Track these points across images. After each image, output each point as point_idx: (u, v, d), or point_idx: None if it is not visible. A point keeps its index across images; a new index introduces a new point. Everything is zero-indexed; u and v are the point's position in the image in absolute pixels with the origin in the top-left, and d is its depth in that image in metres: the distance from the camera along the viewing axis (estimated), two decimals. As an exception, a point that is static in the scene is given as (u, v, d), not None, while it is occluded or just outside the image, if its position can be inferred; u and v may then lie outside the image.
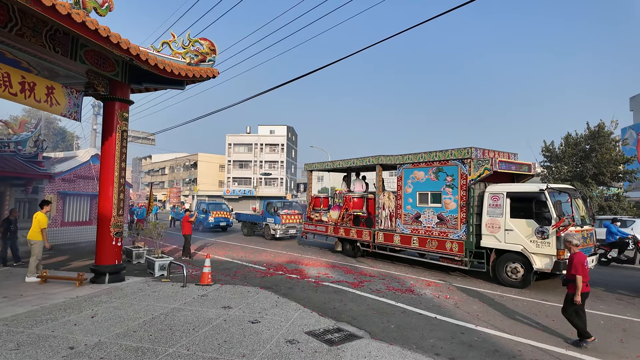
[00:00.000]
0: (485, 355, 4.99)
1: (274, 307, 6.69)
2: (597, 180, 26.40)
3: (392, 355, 4.74)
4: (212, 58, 9.77)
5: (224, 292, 7.75)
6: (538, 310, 7.23)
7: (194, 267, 10.57)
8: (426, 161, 10.83)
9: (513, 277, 9.01)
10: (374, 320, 6.33)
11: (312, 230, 15.19)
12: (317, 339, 5.21)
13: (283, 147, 61.80)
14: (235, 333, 5.35)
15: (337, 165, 14.29)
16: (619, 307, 7.53)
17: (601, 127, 26.92)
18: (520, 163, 10.51)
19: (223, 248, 15.53)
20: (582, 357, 5.00)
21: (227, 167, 61.81)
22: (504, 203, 9.29)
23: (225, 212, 23.94)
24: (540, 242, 8.56)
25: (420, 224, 10.88)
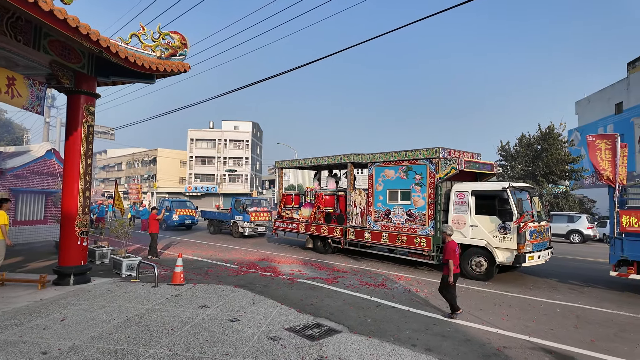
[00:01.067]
0: (458, 344, 5.29)
1: (252, 305, 6.69)
2: (547, 178, 28.30)
3: (372, 348, 4.92)
4: (184, 52, 9.52)
5: (198, 291, 7.63)
6: (501, 300, 7.72)
7: (163, 267, 10.30)
8: (396, 160, 11.18)
9: (477, 271, 9.54)
10: (351, 315, 6.50)
11: (283, 227, 15.21)
12: (298, 335, 5.30)
13: (248, 143, 60.95)
14: (216, 332, 5.33)
15: (309, 162, 14.38)
16: (572, 296, 8.20)
17: (551, 128, 28.88)
18: (484, 162, 11.11)
19: (191, 247, 15.19)
20: (542, 342, 5.43)
21: (189, 163, 60.07)
22: (469, 200, 9.80)
23: (190, 210, 23.34)
24: (502, 237, 9.12)
25: (390, 221, 11.23)
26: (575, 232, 20.52)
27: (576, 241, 20.40)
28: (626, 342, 5.49)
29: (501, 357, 4.88)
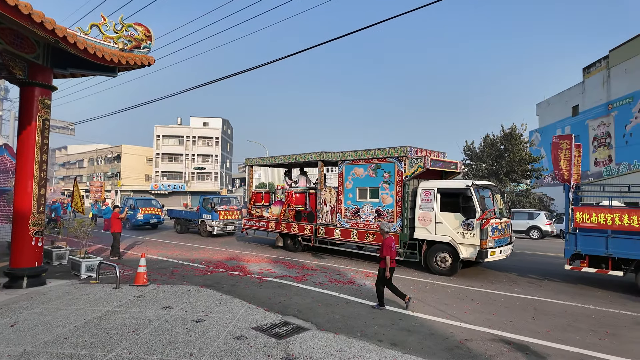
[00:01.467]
0: (423, 338, 5.42)
1: (218, 305, 6.57)
2: (509, 177, 29.52)
3: (338, 344, 4.95)
4: (148, 45, 9.20)
5: (162, 292, 7.41)
6: (465, 295, 7.98)
7: (126, 267, 9.93)
8: (365, 158, 11.30)
9: (442, 266, 9.81)
10: (319, 312, 6.51)
11: (253, 226, 15.03)
12: (265, 334, 5.25)
13: (218, 140, 59.81)
14: (180, 333, 5.19)
15: (279, 160, 14.28)
16: (530, 289, 8.58)
17: (513, 129, 30.11)
18: (449, 161, 11.42)
19: (156, 246, 14.73)
20: (502, 334, 5.65)
21: (155, 160, 58.24)
22: (434, 198, 10.05)
23: (156, 209, 22.62)
24: (466, 234, 9.42)
25: (360, 218, 11.35)
26: (535, 229, 21.51)
27: (535, 237, 21.40)
28: (578, 332, 5.81)
29: (463, 349, 5.03)
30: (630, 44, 28.96)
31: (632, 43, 28.75)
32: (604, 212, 8.36)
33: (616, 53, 30.52)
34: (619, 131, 29.80)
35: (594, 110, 32.68)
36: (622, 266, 8.31)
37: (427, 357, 4.67)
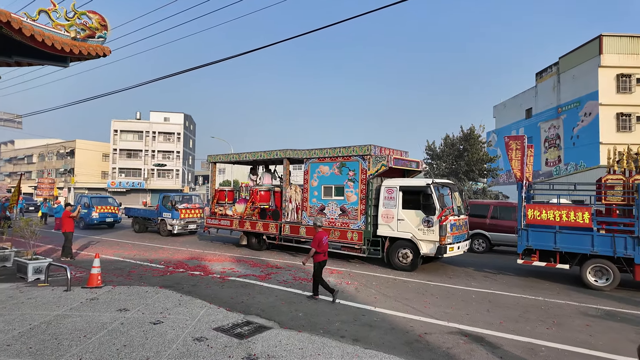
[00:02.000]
0: (384, 333, 5.52)
1: (178, 306, 6.37)
2: (468, 176, 30.77)
3: (301, 342, 4.95)
4: (103, 35, 8.73)
5: (118, 293, 7.09)
6: (425, 289, 8.22)
7: (78, 269, 9.42)
8: (331, 156, 11.35)
9: (404, 262, 10.05)
10: (283, 310, 6.48)
11: (216, 224, 14.70)
12: (226, 334, 5.15)
13: (179, 136, 57.92)
14: (136, 336, 4.98)
15: (244, 157, 14.04)
16: (486, 283, 8.98)
17: (472, 130, 31.39)
18: (411, 160, 11.72)
19: (112, 246, 14.07)
20: (459, 326, 5.87)
21: (113, 156, 55.57)
22: (397, 196, 10.27)
23: (112, 207, 21.59)
24: (426, 230, 9.70)
25: (325, 216, 11.40)
26: (491, 225, 22.51)
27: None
28: (529, 322, 6.14)
29: (422, 343, 5.18)
30: (578, 52, 30.99)
31: (580, 51, 30.78)
32: (553, 209, 8.89)
33: (565, 60, 32.55)
34: (567, 133, 31.83)
35: (546, 113, 34.70)
36: (568, 260, 8.88)
37: (388, 352, 4.75)
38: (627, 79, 28.29)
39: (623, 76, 28.31)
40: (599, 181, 9.16)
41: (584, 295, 7.96)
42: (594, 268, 8.54)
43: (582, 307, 7.12)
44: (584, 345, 5.18)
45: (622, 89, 28.29)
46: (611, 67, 28.28)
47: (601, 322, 6.22)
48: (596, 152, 28.05)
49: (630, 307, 7.17)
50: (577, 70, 30.76)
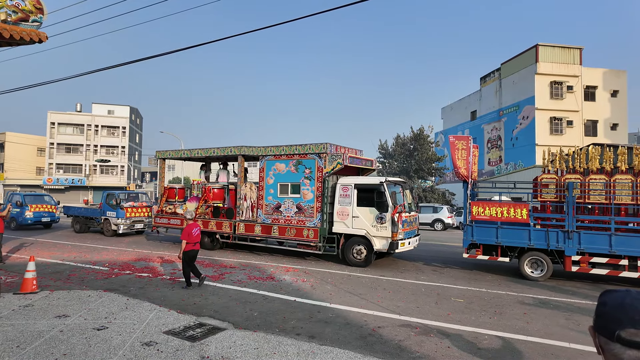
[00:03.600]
0: (339, 329, 5.60)
1: (124, 310, 6.04)
2: (417, 174, 32.03)
3: (256, 342, 4.89)
4: (39, 19, 8.03)
5: (56, 299, 6.59)
6: (378, 284, 8.45)
7: (10, 274, 8.63)
8: (287, 154, 11.30)
9: (358, 258, 10.27)
10: (237, 311, 6.36)
11: (165, 224, 14.08)
12: (177, 337, 4.97)
13: (125, 130, 54.80)
14: (78, 344, 4.66)
15: (195, 153, 13.57)
16: (434, 276, 9.41)
17: (421, 130, 32.70)
18: (365, 159, 11.97)
19: (49, 248, 13.03)
20: (410, 319, 6.10)
21: (49, 150, 51.39)
22: (352, 193, 10.46)
23: (49, 206, 19.99)
24: (379, 227, 9.97)
25: (281, 214, 11.34)
26: (438, 221, 23.66)
27: (439, 229, 23.55)
28: (473, 313, 6.52)
29: (375, 336, 5.32)
30: (518, 59, 33.30)
31: (519, 58, 33.09)
32: (495, 206, 9.50)
33: (506, 66, 34.85)
34: (507, 135, 34.13)
35: (489, 115, 36.97)
36: (509, 253, 9.54)
37: (343, 347, 4.83)
38: (559, 86, 30.87)
39: (556, 83, 30.85)
40: (535, 180, 9.91)
41: (522, 286, 8.60)
42: (531, 260, 9.25)
43: (520, 296, 7.68)
44: (521, 332, 5.60)
45: (555, 95, 30.83)
46: (546, 74, 30.70)
47: (536, 310, 6.75)
48: (533, 152, 30.36)
49: (560, 295, 7.85)
50: (517, 76, 33.06)
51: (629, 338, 0.90)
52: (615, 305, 0.96)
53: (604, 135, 31.03)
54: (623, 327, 0.92)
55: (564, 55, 31.28)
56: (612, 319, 0.95)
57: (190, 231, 7.69)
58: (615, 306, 0.96)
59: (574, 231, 8.67)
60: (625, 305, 0.94)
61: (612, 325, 0.94)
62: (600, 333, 0.97)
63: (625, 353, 0.91)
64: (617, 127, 31.83)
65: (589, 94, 31.54)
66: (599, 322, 0.98)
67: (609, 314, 0.96)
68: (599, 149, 9.42)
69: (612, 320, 0.95)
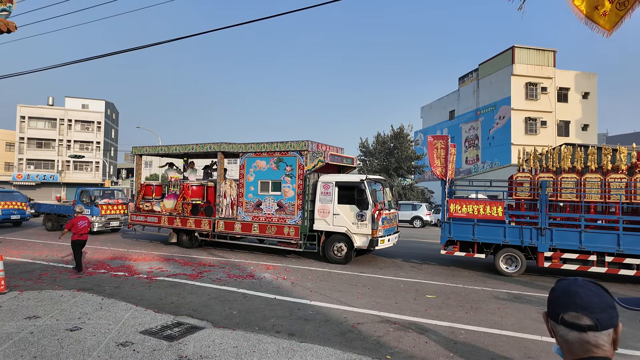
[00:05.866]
0: (318, 325, 5.62)
1: (98, 310, 5.89)
2: (397, 172, 32.41)
3: (235, 340, 4.85)
4: (7, 8, 7.72)
5: (26, 299, 6.36)
6: (357, 281, 8.52)
7: (-25, 274, 8.24)
8: (268, 151, 11.22)
9: (338, 255, 10.32)
10: (216, 309, 6.29)
11: (142, 221, 13.76)
12: (154, 337, 4.88)
13: (100, 125, 53.14)
14: (49, 345, 4.51)
15: (174, 150, 13.30)
16: (412, 273, 9.56)
17: (401, 129, 33.08)
18: (346, 156, 12.02)
19: (18, 247, 12.54)
20: (389, 315, 6.18)
21: (19, 145, 49.37)
22: (333, 191, 10.49)
23: (19, 203, 19.19)
24: (359, 224, 10.05)
25: (261, 212, 11.26)
26: (417, 218, 24.03)
27: (418, 226, 23.91)
28: (450, 308, 6.66)
29: (355, 333, 5.37)
30: (495, 60, 34.09)
31: (496, 59, 33.89)
32: (472, 203, 9.72)
33: (484, 67, 35.62)
34: (484, 134, 34.93)
35: (466, 115, 37.73)
36: (485, 249, 9.78)
37: (322, 344, 4.85)
38: (534, 87, 31.81)
39: (531, 84, 31.77)
40: (511, 178, 10.19)
41: (497, 281, 8.84)
42: (506, 256, 9.52)
43: (495, 292, 7.89)
44: (496, 326, 5.76)
45: (530, 96, 31.74)
46: (521, 75, 31.58)
47: (510, 305, 6.96)
48: (508, 151, 31.20)
49: (533, 290, 8.11)
50: (494, 77, 33.85)
51: (571, 320, 1.00)
52: (562, 291, 1.05)
53: (576, 136, 32.20)
54: (567, 311, 1.01)
55: (539, 58, 32.23)
56: (558, 303, 1.04)
57: (75, 223, 8.79)
58: (561, 292, 1.05)
59: (546, 228, 8.97)
60: (570, 291, 1.03)
61: (558, 309, 1.04)
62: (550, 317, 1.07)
63: (569, 334, 1.01)
64: (588, 128, 33.07)
65: (562, 96, 32.64)
66: (549, 307, 1.07)
67: (556, 299, 1.06)
68: (571, 149, 9.76)
69: (558, 304, 1.04)
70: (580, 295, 1.00)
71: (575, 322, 0.99)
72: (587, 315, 0.98)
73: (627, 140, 36.79)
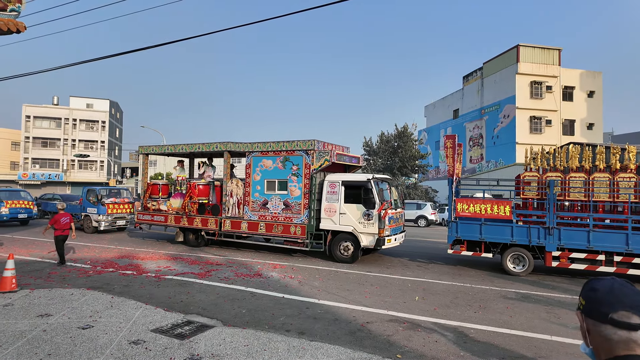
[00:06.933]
0: (328, 324, 5.64)
1: (109, 309, 5.93)
2: (401, 171, 32.36)
3: (246, 338, 4.88)
4: (17, 8, 7.77)
5: (37, 297, 6.42)
6: (365, 280, 8.53)
7: (-14, 272, 8.32)
8: (274, 150, 11.25)
9: (345, 254, 10.33)
10: (225, 308, 6.32)
11: (149, 220, 13.83)
12: (165, 335, 4.91)
13: (104, 124, 53.40)
14: (62, 343, 4.56)
15: (180, 149, 13.35)
16: (419, 272, 9.56)
17: (405, 128, 33.02)
18: (352, 156, 12.03)
19: (27, 245, 12.64)
20: (397, 314, 6.19)
21: (25, 145, 49.70)
22: (339, 190, 10.50)
23: (26, 202, 19.35)
24: (366, 223, 10.05)
25: (268, 211, 11.29)
26: (422, 218, 24.00)
27: (422, 225, 23.88)
28: (458, 308, 6.66)
29: (364, 332, 5.38)
30: (500, 58, 33.95)
31: (501, 58, 33.75)
32: (479, 203, 9.70)
33: (489, 66, 35.49)
34: (489, 133, 34.81)
35: (471, 114, 37.61)
36: (492, 249, 9.76)
37: (332, 342, 4.87)
38: (539, 86, 31.66)
39: (536, 83, 31.63)
40: (518, 177, 10.16)
41: (504, 281, 8.82)
42: (513, 256, 9.50)
43: (503, 291, 7.88)
44: (505, 326, 5.75)
45: (534, 94, 31.60)
46: (526, 74, 31.43)
47: (519, 304, 6.94)
48: (513, 151, 31.09)
49: (541, 289, 8.09)
50: (498, 75, 33.72)
51: (620, 319, 1.00)
52: (606, 291, 1.04)
53: (581, 135, 32.03)
54: (616, 310, 1.00)
55: (544, 56, 32.07)
56: (604, 303, 1.03)
57: (58, 219, 9.37)
58: (606, 292, 1.04)
59: (554, 227, 8.94)
60: (615, 290, 1.03)
61: (604, 309, 1.02)
62: (589, 316, 1.06)
63: (615, 333, 1.00)
64: (593, 127, 32.89)
65: (567, 94, 32.47)
66: (592, 307, 1.06)
67: (602, 299, 1.04)
68: (579, 148, 9.71)
69: (604, 304, 1.03)
70: (627, 294, 1.01)
71: (626, 321, 0.99)
72: (637, 314, 0.99)
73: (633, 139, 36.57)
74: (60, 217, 9.49)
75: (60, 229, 9.42)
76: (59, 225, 9.42)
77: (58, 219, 9.44)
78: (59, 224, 9.42)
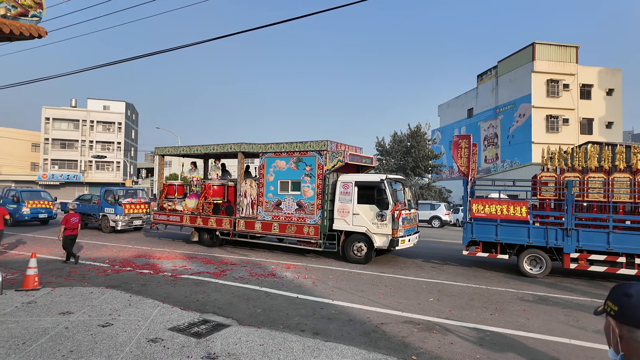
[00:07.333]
0: (342, 325, 5.65)
1: (127, 307, 6.05)
2: (414, 172, 32.12)
3: (261, 338, 4.92)
4: (38, 14, 7.96)
5: (59, 296, 6.58)
6: (379, 281, 8.50)
7: (9, 270, 8.58)
8: (287, 151, 11.31)
9: (358, 255, 10.32)
10: (241, 307, 6.39)
11: (164, 220, 14.05)
12: (183, 334, 4.99)
13: (120, 126, 54.46)
14: (84, 340, 4.67)
15: (195, 150, 13.53)
16: (434, 273, 9.48)
17: (419, 128, 32.76)
18: (365, 156, 12.01)
19: (47, 245, 12.97)
20: (412, 316, 6.16)
21: (44, 146, 51.03)
22: (352, 191, 10.49)
23: (46, 202, 19.87)
24: (380, 224, 10.02)
25: (281, 211, 11.36)
26: (436, 218, 23.77)
27: (436, 226, 23.67)
28: (474, 309, 6.59)
29: (379, 333, 5.37)
30: (515, 57, 33.40)
31: (516, 56, 33.20)
32: (495, 203, 9.58)
33: (503, 64, 34.95)
34: (504, 133, 34.28)
35: (485, 113, 37.08)
36: (508, 250, 9.62)
37: (347, 343, 4.88)
38: (555, 84, 31.03)
39: (552, 81, 31.01)
40: (535, 178, 9.99)
41: (521, 283, 8.69)
42: (530, 257, 9.35)
43: (519, 293, 7.77)
44: (522, 328, 5.67)
45: (551, 93, 30.99)
46: (542, 72, 30.85)
47: (536, 307, 6.83)
48: (529, 150, 30.54)
49: (559, 291, 7.95)
50: (514, 74, 33.18)
51: None
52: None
53: (599, 134, 31.28)
54: None
55: (561, 54, 31.43)
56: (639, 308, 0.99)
57: (69, 219, 9.69)
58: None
59: (572, 229, 8.77)
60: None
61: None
62: (622, 322, 1.02)
63: None
64: (612, 126, 32.09)
65: (585, 93, 31.75)
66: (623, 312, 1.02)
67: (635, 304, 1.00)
68: (597, 148, 9.51)
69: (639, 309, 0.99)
70: None
71: None
72: None
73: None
74: (70, 217, 9.80)
75: (70, 228, 9.71)
76: (69, 224, 9.71)
77: (69, 218, 9.75)
78: (69, 223, 9.71)
